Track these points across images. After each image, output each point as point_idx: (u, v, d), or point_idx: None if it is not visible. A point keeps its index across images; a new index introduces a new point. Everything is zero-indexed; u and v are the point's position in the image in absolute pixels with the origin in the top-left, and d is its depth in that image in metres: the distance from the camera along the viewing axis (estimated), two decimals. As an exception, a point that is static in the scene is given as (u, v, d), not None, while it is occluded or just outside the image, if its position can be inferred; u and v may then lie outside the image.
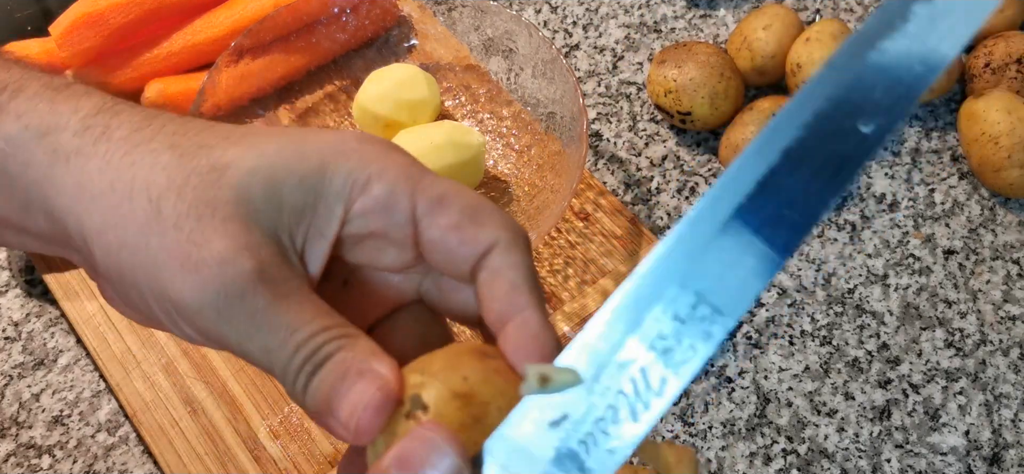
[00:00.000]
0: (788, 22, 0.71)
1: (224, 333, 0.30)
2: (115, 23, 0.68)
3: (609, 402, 0.29)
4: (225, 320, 0.30)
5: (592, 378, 0.29)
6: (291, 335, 0.30)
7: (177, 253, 0.30)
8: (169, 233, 0.30)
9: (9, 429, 0.61)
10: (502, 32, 0.68)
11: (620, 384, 0.29)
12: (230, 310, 0.30)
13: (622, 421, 0.28)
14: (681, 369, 0.29)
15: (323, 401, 0.30)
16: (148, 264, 0.30)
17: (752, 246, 0.29)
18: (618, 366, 0.29)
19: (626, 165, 0.71)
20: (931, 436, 0.59)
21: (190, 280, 0.30)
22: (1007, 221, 0.67)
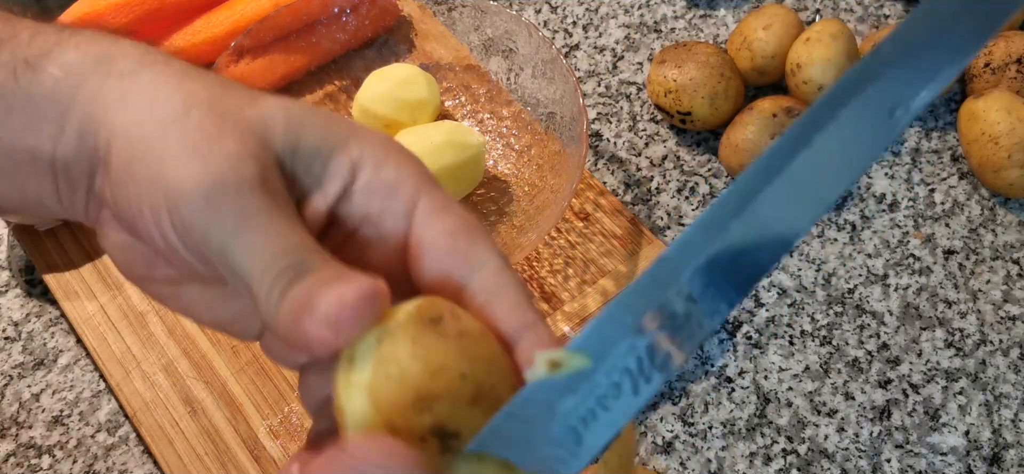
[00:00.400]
0: (788, 22, 0.71)
1: (209, 227, 0.29)
2: (115, 23, 0.68)
3: (613, 380, 0.29)
4: (214, 210, 0.29)
5: (600, 359, 0.29)
6: (279, 237, 0.29)
7: (190, 142, 0.30)
8: (189, 129, 0.31)
9: (9, 429, 0.61)
10: (502, 32, 0.68)
11: (626, 361, 0.29)
12: (223, 201, 0.29)
13: (623, 395, 0.29)
14: (686, 344, 0.29)
15: (301, 303, 0.28)
16: (159, 153, 0.31)
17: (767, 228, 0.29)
18: (628, 346, 0.29)
19: (626, 165, 0.71)
20: (931, 436, 0.59)
21: (192, 165, 0.30)
22: (1007, 221, 0.67)
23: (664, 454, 0.59)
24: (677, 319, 0.29)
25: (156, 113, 0.31)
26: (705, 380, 0.61)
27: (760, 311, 0.64)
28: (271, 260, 0.29)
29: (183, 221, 0.30)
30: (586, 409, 0.29)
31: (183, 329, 0.63)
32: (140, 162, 0.31)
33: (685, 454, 0.59)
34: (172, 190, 0.30)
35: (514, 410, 0.29)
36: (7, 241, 0.69)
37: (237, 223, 0.29)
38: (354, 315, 0.28)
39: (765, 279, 0.65)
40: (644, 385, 0.29)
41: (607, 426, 0.29)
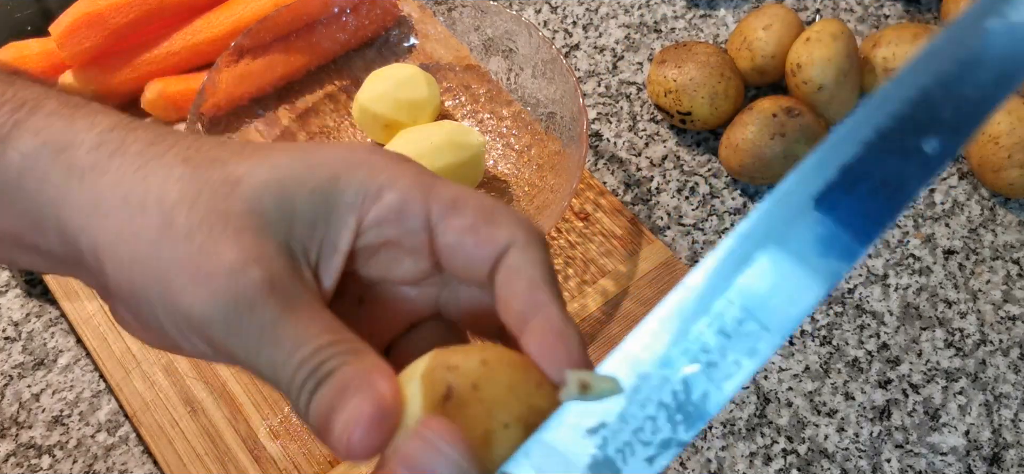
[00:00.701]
0: (788, 22, 0.71)
1: (233, 346, 0.30)
2: (115, 23, 0.68)
3: (649, 413, 0.28)
4: (234, 333, 0.30)
5: (633, 388, 0.28)
6: (297, 349, 0.29)
7: (188, 264, 0.30)
8: (181, 245, 0.30)
9: (9, 429, 0.61)
10: (502, 32, 0.68)
11: (661, 395, 0.28)
12: (239, 322, 0.29)
13: (661, 431, 0.28)
14: (724, 384, 0.28)
15: (323, 417, 0.29)
16: (159, 276, 0.30)
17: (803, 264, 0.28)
18: (661, 378, 0.28)
19: (626, 165, 0.71)
20: (931, 436, 0.59)
21: (201, 291, 0.29)
22: (1007, 221, 0.67)
23: (664, 454, 0.59)
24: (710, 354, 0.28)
25: (136, 229, 0.30)
26: (705, 380, 0.61)
27: (760, 311, 0.64)
28: (293, 372, 0.29)
29: (211, 339, 0.30)
30: (623, 441, 0.28)
31: (183, 329, 0.63)
32: (142, 286, 0.31)
33: (685, 454, 0.59)
34: (190, 314, 0.30)
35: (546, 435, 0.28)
36: (7, 241, 0.69)
37: (255, 343, 0.29)
38: (364, 434, 0.28)
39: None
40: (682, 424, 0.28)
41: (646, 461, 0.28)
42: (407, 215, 0.32)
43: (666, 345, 0.28)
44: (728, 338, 0.28)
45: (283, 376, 0.30)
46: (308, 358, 0.29)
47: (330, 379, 0.29)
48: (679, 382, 0.28)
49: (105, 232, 0.31)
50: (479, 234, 0.31)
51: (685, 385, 0.28)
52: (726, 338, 0.28)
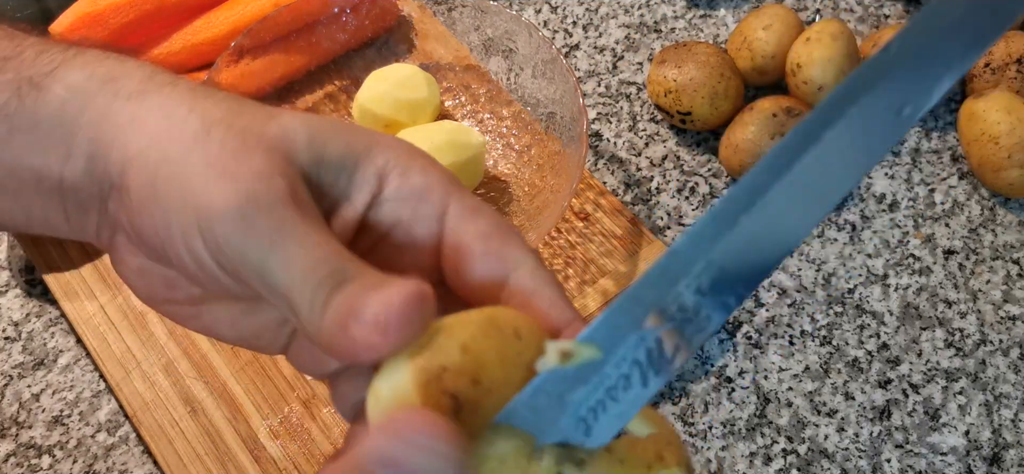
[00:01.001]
0: (788, 22, 0.71)
1: (245, 244, 0.29)
2: (115, 23, 0.68)
3: (623, 372, 0.29)
4: (250, 225, 0.29)
5: (610, 350, 0.29)
6: (316, 247, 0.29)
7: (215, 162, 0.30)
8: (213, 148, 0.30)
9: (9, 429, 0.61)
10: (502, 32, 0.68)
11: (636, 354, 0.29)
12: (257, 217, 0.29)
13: (632, 386, 0.29)
14: (695, 338, 0.29)
15: (346, 309, 0.28)
16: (183, 175, 0.30)
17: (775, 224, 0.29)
18: (638, 337, 0.29)
19: (626, 165, 0.71)
20: (931, 436, 0.59)
21: (223, 185, 0.29)
22: (1007, 221, 0.67)
23: (664, 454, 0.59)
24: (686, 313, 0.29)
25: (173, 134, 0.31)
26: (705, 380, 0.61)
27: (760, 311, 0.64)
28: (310, 271, 0.29)
29: (217, 240, 0.29)
30: (595, 400, 0.29)
31: (183, 329, 0.63)
32: (164, 185, 0.30)
33: (685, 454, 0.59)
34: (204, 211, 0.29)
35: (524, 399, 0.29)
36: (7, 241, 0.69)
37: (273, 238, 0.29)
38: (402, 318, 0.27)
39: (765, 279, 0.65)
40: (653, 377, 0.29)
41: (616, 417, 0.29)
42: (427, 201, 0.32)
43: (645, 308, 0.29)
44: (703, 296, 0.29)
45: (296, 273, 0.28)
46: (327, 258, 0.29)
47: (351, 282, 0.28)
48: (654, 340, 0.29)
49: (140, 137, 0.31)
50: (490, 243, 0.32)
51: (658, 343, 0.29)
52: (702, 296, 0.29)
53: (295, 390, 0.60)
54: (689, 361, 0.62)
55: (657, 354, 0.29)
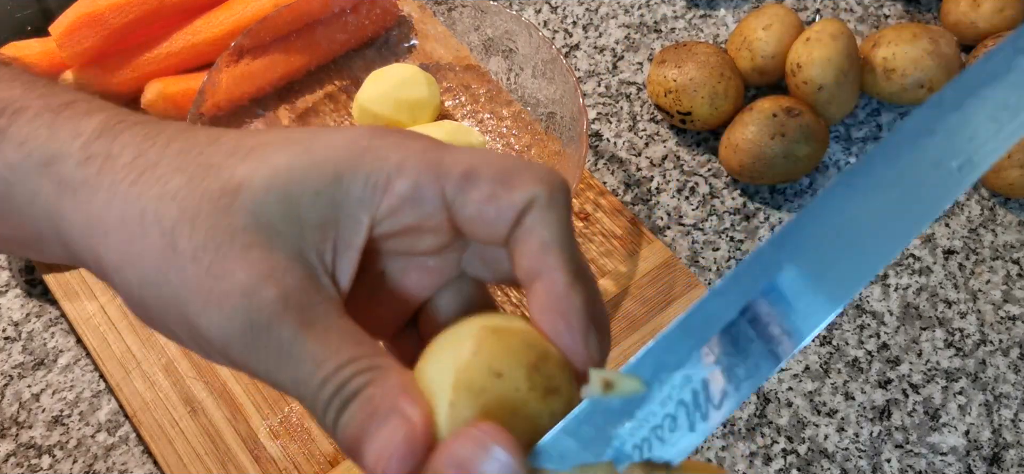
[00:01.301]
0: (788, 22, 0.71)
1: (253, 364, 0.29)
2: (115, 23, 0.68)
3: (668, 411, 0.28)
4: (253, 352, 0.29)
5: (656, 386, 0.29)
6: (318, 368, 0.29)
7: (198, 288, 0.29)
8: (188, 267, 0.29)
9: (9, 429, 0.61)
10: (502, 32, 0.68)
11: (681, 395, 0.29)
12: (257, 342, 0.29)
13: (679, 429, 0.29)
14: (743, 386, 0.29)
15: (353, 440, 0.29)
16: (171, 298, 0.30)
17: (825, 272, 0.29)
18: (683, 377, 0.29)
19: (626, 165, 0.71)
20: (931, 436, 0.59)
21: (215, 315, 0.29)
22: (1007, 221, 0.67)
23: (664, 454, 0.59)
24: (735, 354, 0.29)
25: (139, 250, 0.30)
26: (705, 380, 0.61)
27: (760, 311, 0.64)
28: (317, 389, 0.29)
29: (231, 359, 0.30)
30: (641, 438, 0.29)
31: (183, 329, 0.63)
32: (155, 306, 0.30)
33: (685, 454, 0.59)
34: (208, 336, 0.29)
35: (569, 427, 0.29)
36: (7, 241, 0.69)
37: (276, 361, 0.29)
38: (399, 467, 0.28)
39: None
40: (700, 422, 0.29)
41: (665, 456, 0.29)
42: (422, 200, 0.31)
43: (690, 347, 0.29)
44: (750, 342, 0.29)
45: (306, 394, 0.29)
46: (331, 376, 0.29)
47: (356, 400, 0.29)
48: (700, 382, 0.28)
49: (108, 252, 0.30)
50: (499, 201, 0.30)
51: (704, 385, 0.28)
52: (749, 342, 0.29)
53: (295, 390, 0.60)
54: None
55: (704, 396, 0.29)
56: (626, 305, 0.63)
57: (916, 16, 0.77)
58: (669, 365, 0.29)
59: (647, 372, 0.29)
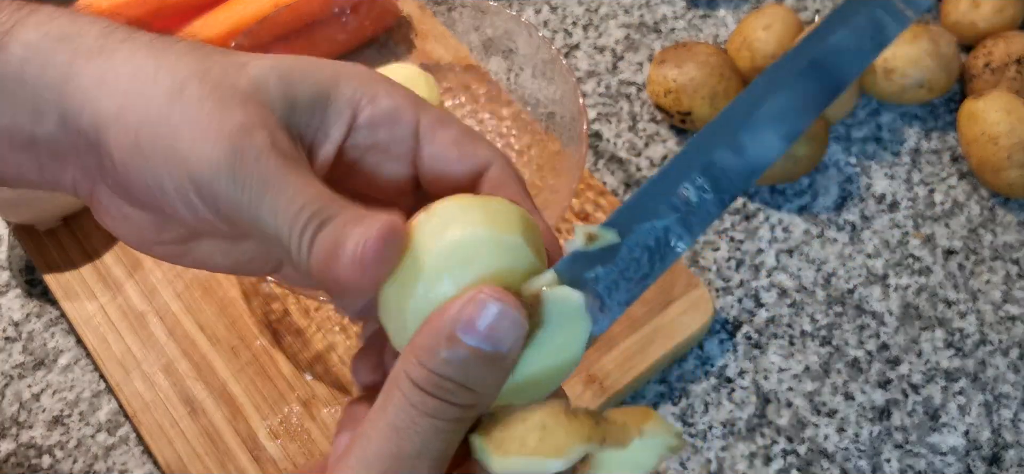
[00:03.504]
0: (788, 22, 0.71)
1: (235, 196, 0.31)
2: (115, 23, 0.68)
3: (635, 255, 0.33)
4: (239, 181, 0.31)
5: (626, 235, 0.33)
6: (299, 193, 0.31)
7: (197, 124, 0.31)
8: (191, 107, 0.31)
9: (9, 429, 0.61)
10: (502, 32, 0.68)
11: (647, 240, 0.33)
12: (244, 171, 0.31)
13: (642, 269, 0.33)
14: (697, 228, 0.34)
15: (329, 247, 0.31)
16: (167, 136, 0.31)
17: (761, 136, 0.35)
18: (649, 227, 0.33)
19: (626, 165, 0.71)
20: (931, 436, 0.59)
21: (209, 147, 0.31)
22: (1007, 221, 0.67)
23: (664, 454, 0.59)
24: (690, 206, 0.34)
25: (147, 94, 0.32)
26: (705, 380, 0.61)
27: (760, 311, 0.64)
28: (296, 215, 0.31)
29: (214, 194, 0.31)
30: (611, 279, 0.33)
31: (183, 329, 0.63)
32: (149, 147, 0.32)
33: (685, 454, 0.59)
34: (195, 170, 0.31)
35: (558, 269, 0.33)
36: (7, 241, 0.69)
37: (262, 190, 0.31)
38: (377, 254, 0.30)
39: (765, 279, 0.65)
40: (658, 262, 0.33)
41: (627, 293, 0.33)
42: (399, 121, 0.34)
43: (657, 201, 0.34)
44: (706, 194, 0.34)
45: (284, 219, 0.31)
46: (310, 202, 0.31)
47: (334, 219, 0.31)
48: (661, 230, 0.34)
49: (112, 99, 0.32)
50: (463, 148, 0.35)
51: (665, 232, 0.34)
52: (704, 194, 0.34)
53: (295, 390, 0.60)
54: (689, 361, 0.62)
55: (664, 242, 0.33)
56: (626, 305, 0.63)
57: (916, 16, 0.77)
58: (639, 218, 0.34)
59: (621, 225, 0.33)
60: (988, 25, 0.72)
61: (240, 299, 0.64)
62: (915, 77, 0.69)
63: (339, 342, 0.62)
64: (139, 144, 0.32)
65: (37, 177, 0.35)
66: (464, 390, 0.30)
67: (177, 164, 0.31)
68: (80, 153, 0.33)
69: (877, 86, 0.70)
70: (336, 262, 0.30)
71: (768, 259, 0.66)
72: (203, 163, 0.31)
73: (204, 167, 0.31)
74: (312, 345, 0.62)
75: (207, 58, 0.33)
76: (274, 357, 0.61)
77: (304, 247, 0.31)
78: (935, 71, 0.69)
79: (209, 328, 0.63)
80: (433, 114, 0.35)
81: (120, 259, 0.66)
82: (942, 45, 0.69)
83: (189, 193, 0.32)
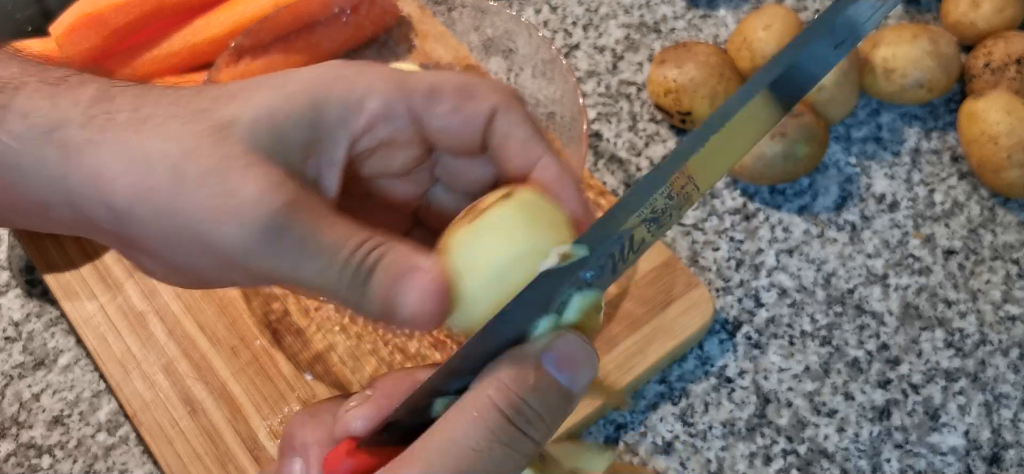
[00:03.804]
0: (788, 22, 0.71)
1: (275, 267, 0.32)
2: (115, 23, 0.68)
3: (602, 263, 0.33)
4: (274, 255, 0.31)
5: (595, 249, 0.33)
6: (337, 252, 0.32)
7: (211, 206, 0.31)
8: (197, 192, 0.32)
9: (9, 429, 0.61)
10: (502, 32, 0.68)
11: (613, 249, 0.34)
12: (277, 245, 0.31)
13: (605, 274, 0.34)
14: (660, 231, 0.34)
15: (383, 303, 0.32)
16: (187, 224, 0.32)
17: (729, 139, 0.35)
18: (617, 237, 0.33)
19: (626, 165, 0.71)
20: (931, 436, 0.59)
21: (232, 227, 0.31)
22: (1007, 221, 0.67)
23: (664, 455, 0.59)
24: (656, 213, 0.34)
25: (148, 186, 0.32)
26: (705, 380, 0.61)
27: (760, 311, 0.64)
28: (338, 273, 0.32)
29: (249, 270, 0.32)
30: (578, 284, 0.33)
31: (183, 329, 0.63)
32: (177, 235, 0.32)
33: (685, 454, 0.59)
34: (228, 251, 0.32)
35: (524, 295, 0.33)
36: (7, 241, 0.69)
37: (297, 258, 0.32)
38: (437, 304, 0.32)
39: (765, 279, 0.65)
40: (622, 265, 0.34)
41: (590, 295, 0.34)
42: (393, 116, 0.35)
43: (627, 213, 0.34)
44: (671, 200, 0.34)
45: (330, 278, 0.32)
46: (350, 256, 0.32)
47: (378, 268, 0.32)
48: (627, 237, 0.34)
49: (118, 196, 0.32)
50: (463, 112, 0.35)
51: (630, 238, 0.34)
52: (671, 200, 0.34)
53: (295, 390, 0.60)
54: (689, 361, 0.62)
55: (629, 247, 0.34)
56: (626, 305, 0.63)
57: (916, 16, 0.77)
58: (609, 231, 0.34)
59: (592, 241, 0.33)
60: (988, 25, 0.72)
61: (240, 299, 0.64)
62: (915, 77, 0.69)
63: (339, 342, 0.62)
64: (162, 235, 0.32)
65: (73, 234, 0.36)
66: (540, 422, 0.31)
67: (207, 247, 0.32)
68: (104, 232, 0.34)
69: (877, 86, 0.70)
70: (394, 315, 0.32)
71: (768, 259, 0.66)
72: (234, 242, 0.31)
73: (236, 245, 0.31)
74: (312, 345, 0.62)
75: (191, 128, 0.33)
76: (274, 357, 0.61)
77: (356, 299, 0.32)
78: (935, 71, 0.69)
79: (209, 328, 0.63)
80: (422, 89, 0.35)
81: (120, 259, 0.66)
82: (942, 45, 0.69)
83: (227, 268, 0.32)
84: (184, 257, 0.33)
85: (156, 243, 0.33)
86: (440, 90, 0.35)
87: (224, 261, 0.32)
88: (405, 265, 0.32)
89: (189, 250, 0.32)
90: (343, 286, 0.32)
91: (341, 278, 0.32)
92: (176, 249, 0.32)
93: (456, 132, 0.35)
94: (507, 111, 0.35)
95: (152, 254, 0.34)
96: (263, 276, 0.32)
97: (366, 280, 0.32)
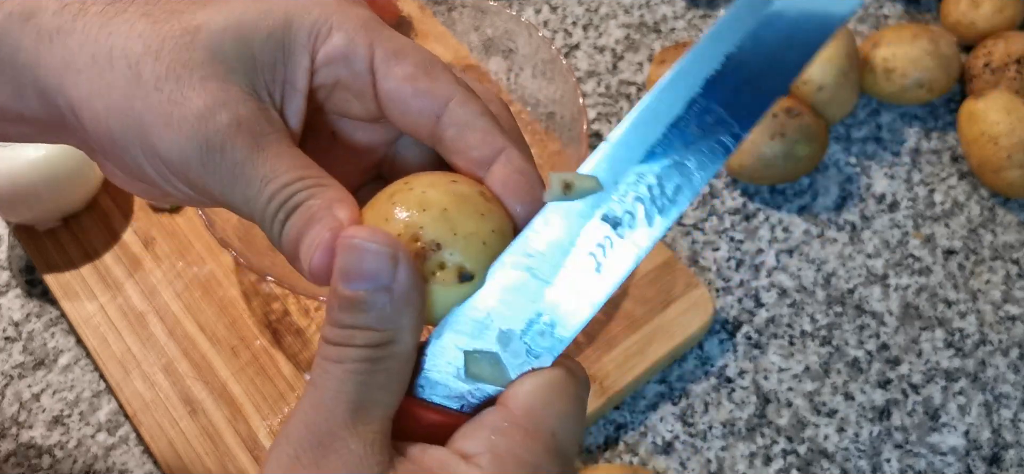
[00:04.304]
0: (788, 22, 0.71)
1: (209, 184, 0.32)
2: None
3: (627, 208, 0.30)
4: (209, 172, 0.31)
5: (611, 183, 0.30)
6: (266, 185, 0.31)
7: (160, 112, 0.31)
8: (151, 95, 0.31)
9: (9, 429, 0.61)
10: (502, 32, 0.68)
11: (638, 190, 0.30)
12: (212, 162, 0.31)
13: (639, 225, 0.30)
14: (694, 177, 0.30)
15: (292, 245, 0.31)
16: (134, 126, 0.32)
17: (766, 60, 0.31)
18: (637, 173, 0.30)
19: (626, 165, 0.71)
20: (931, 436, 0.59)
21: (174, 136, 0.31)
22: (1007, 221, 0.67)
23: (664, 455, 0.59)
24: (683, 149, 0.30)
25: (107, 79, 0.32)
26: (705, 380, 0.61)
27: (760, 311, 0.64)
28: (263, 206, 0.32)
29: (189, 180, 0.32)
30: (603, 235, 0.30)
31: (183, 329, 0.63)
32: (122, 135, 0.32)
33: (685, 454, 0.59)
34: (167, 158, 0.32)
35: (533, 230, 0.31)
36: (7, 241, 0.69)
37: (228, 180, 0.32)
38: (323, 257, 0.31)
39: (765, 279, 0.65)
40: (658, 216, 0.30)
41: (627, 252, 0.30)
42: (352, 57, 0.33)
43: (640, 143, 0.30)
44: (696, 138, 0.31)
45: (256, 209, 0.32)
46: (277, 192, 0.31)
47: (298, 210, 0.31)
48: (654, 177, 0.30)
49: (78, 89, 0.32)
50: (419, 84, 0.33)
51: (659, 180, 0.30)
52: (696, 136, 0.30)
53: (295, 390, 0.60)
54: (689, 361, 0.62)
55: (659, 190, 0.30)
56: (626, 305, 0.63)
57: (916, 16, 0.77)
58: (623, 163, 0.30)
59: (603, 171, 0.31)
60: (988, 25, 0.72)
61: (240, 299, 0.64)
62: (915, 77, 0.69)
63: (339, 342, 0.62)
64: (112, 133, 0.32)
65: (40, 137, 0.36)
66: (364, 330, 0.30)
67: (150, 151, 0.32)
68: (68, 129, 0.34)
69: (877, 86, 0.70)
70: (297, 260, 0.32)
71: (768, 259, 0.66)
72: (173, 152, 0.31)
73: (174, 155, 0.31)
74: (312, 345, 0.62)
75: (159, 28, 0.32)
76: (274, 357, 0.61)
77: (275, 236, 0.32)
78: (935, 71, 0.69)
79: (209, 328, 0.63)
80: (389, 47, 0.33)
81: (120, 259, 0.66)
82: (942, 45, 0.69)
83: (168, 176, 0.32)
84: (131, 160, 0.33)
85: (107, 142, 0.33)
86: (404, 54, 0.33)
87: (167, 169, 0.32)
88: (321, 211, 0.31)
89: (135, 154, 0.32)
90: (266, 220, 0.32)
91: (265, 211, 0.32)
92: (124, 152, 0.33)
93: (406, 103, 0.33)
94: (466, 102, 0.33)
95: (105, 154, 0.34)
96: (200, 190, 0.32)
97: (286, 219, 0.32)
